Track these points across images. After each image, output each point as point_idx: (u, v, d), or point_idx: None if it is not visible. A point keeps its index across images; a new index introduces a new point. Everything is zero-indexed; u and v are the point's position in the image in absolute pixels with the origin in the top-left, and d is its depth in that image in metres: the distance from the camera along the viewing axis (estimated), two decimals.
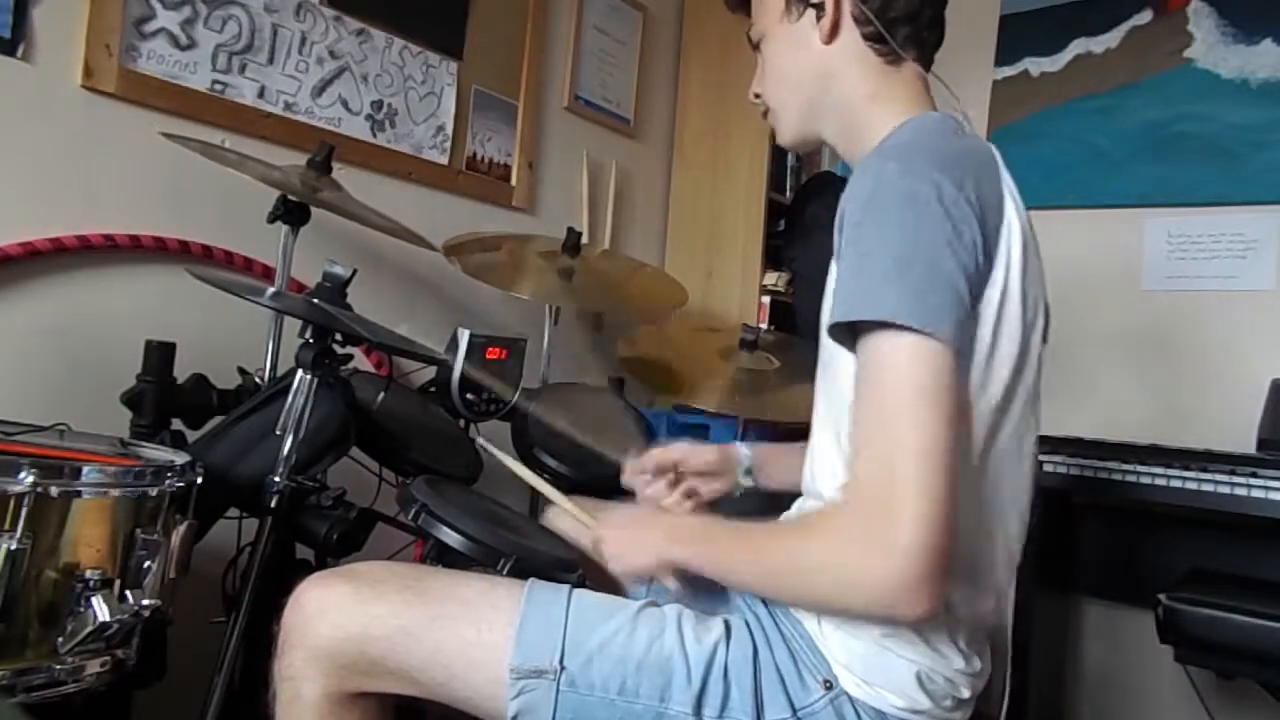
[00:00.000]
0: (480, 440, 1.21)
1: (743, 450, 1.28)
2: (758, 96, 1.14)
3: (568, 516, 1.23)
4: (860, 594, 0.80)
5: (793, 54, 1.06)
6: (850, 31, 1.02)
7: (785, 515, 1.10)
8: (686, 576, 0.98)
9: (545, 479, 1.26)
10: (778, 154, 2.72)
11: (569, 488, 1.69)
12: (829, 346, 1.00)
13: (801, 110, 1.08)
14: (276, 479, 1.19)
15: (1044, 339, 0.99)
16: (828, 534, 0.84)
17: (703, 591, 1.01)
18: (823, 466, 1.03)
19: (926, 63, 1.06)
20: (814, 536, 0.86)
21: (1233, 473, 1.83)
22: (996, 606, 0.98)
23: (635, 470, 1.25)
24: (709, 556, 0.95)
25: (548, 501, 1.26)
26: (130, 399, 1.34)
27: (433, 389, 1.75)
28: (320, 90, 1.91)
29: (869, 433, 0.82)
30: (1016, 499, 0.95)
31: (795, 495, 1.13)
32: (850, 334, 0.85)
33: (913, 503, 0.76)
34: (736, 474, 1.26)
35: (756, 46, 1.12)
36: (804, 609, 0.94)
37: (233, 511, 1.29)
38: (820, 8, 1.02)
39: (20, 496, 0.91)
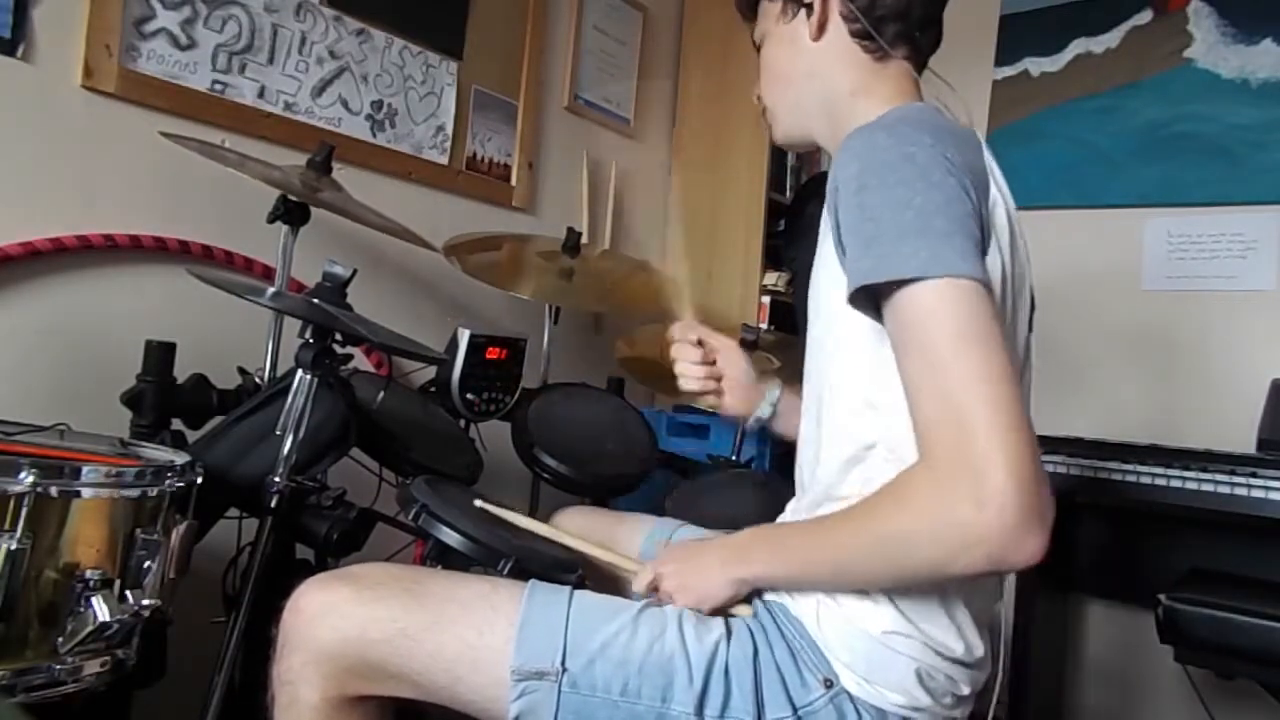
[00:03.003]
0: (479, 501, 1.18)
1: (774, 389, 1.28)
2: (759, 98, 1.17)
3: (576, 530, 1.21)
4: (966, 553, 0.77)
5: (786, 53, 1.09)
6: (838, 29, 1.04)
7: (780, 518, 1.10)
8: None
9: (543, 489, 1.24)
10: (778, 154, 2.73)
11: (570, 488, 1.71)
12: (815, 335, 1.01)
13: (791, 107, 1.11)
14: (276, 479, 1.19)
15: (1029, 327, 1.00)
16: (914, 499, 0.80)
17: None
18: (808, 457, 1.03)
19: (920, 63, 1.07)
20: (899, 507, 0.82)
21: (1233, 473, 1.83)
22: (997, 588, 0.99)
23: (684, 330, 1.28)
24: (781, 562, 0.93)
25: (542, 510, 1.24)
26: (130, 399, 1.34)
27: (433, 389, 1.75)
28: (320, 90, 1.91)
29: (924, 385, 0.80)
30: None
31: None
32: (870, 301, 0.85)
33: (988, 444, 0.74)
34: (761, 403, 1.27)
35: (759, 49, 1.15)
36: (902, 585, 0.89)
37: (233, 511, 1.29)
38: (810, 7, 1.05)
39: (20, 496, 0.91)
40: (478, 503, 1.18)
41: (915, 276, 0.80)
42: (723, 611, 0.97)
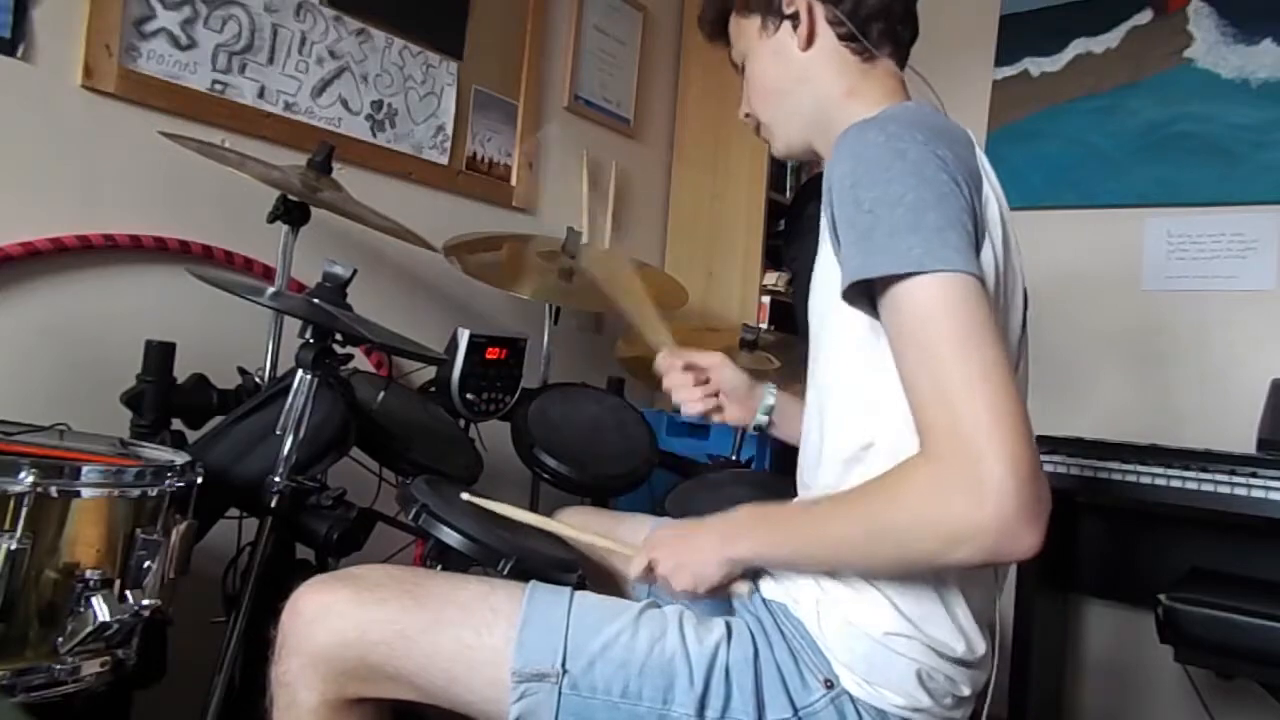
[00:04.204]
0: (465, 495, 1.16)
1: (770, 392, 1.28)
2: (748, 116, 1.16)
3: (575, 524, 1.20)
4: (962, 545, 0.77)
5: (775, 66, 1.09)
6: (826, 35, 1.05)
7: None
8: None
9: (543, 489, 1.23)
10: None
11: (570, 488, 1.71)
12: (815, 334, 1.01)
13: (788, 118, 1.11)
14: (276, 479, 1.19)
15: (1024, 325, 1.00)
16: (912, 490, 0.80)
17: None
18: (809, 457, 1.03)
19: (902, 58, 1.08)
20: (897, 497, 0.82)
21: (1233, 473, 1.83)
22: (996, 583, 0.99)
23: (670, 361, 1.26)
24: (775, 543, 0.93)
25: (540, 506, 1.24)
26: (130, 399, 1.34)
27: (433, 389, 1.75)
28: (320, 90, 1.91)
29: (923, 381, 0.80)
30: None
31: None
32: (866, 296, 0.85)
33: (988, 437, 0.75)
34: (758, 410, 1.28)
35: (741, 69, 1.15)
36: (897, 575, 0.90)
37: (233, 511, 1.29)
38: (795, 18, 1.05)
39: (20, 496, 0.91)
40: (465, 496, 1.16)
41: (910, 271, 0.80)
42: (720, 592, 0.97)
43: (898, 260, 0.80)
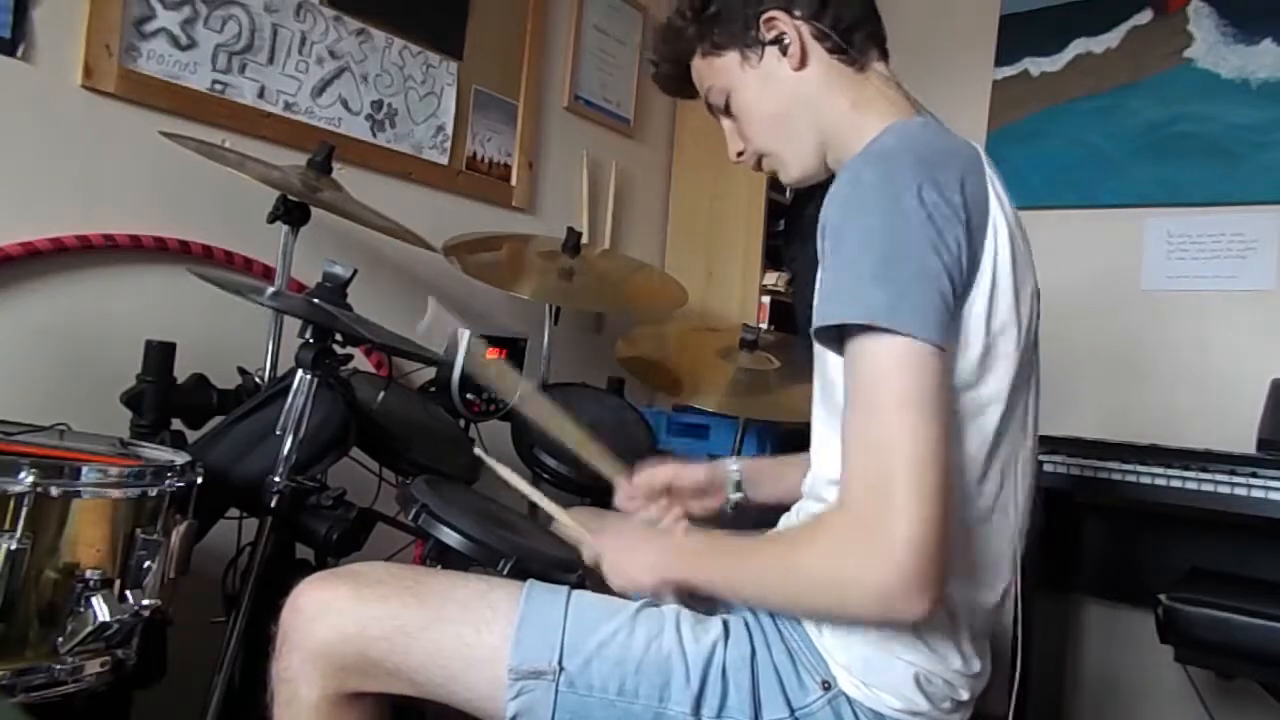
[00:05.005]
0: (478, 450, 1.18)
1: (730, 465, 1.28)
2: (740, 154, 1.13)
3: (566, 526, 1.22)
4: (857, 596, 0.80)
5: (770, 93, 1.06)
6: (816, 52, 1.04)
7: (784, 518, 1.10)
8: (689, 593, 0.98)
9: (543, 489, 1.25)
10: None
11: (570, 488, 1.71)
12: (821, 349, 1.01)
13: (799, 140, 1.08)
14: (276, 479, 1.19)
15: (1034, 318, 0.99)
16: (823, 539, 0.84)
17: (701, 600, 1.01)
18: (823, 468, 1.03)
19: (886, 58, 1.08)
20: (810, 542, 0.86)
21: (1233, 473, 1.83)
22: (1000, 605, 0.98)
23: (628, 495, 1.25)
24: (708, 574, 0.96)
25: (543, 512, 1.24)
26: (130, 399, 1.34)
27: (433, 389, 1.75)
28: (320, 90, 1.91)
29: (859, 437, 0.82)
30: (1018, 497, 0.95)
31: (786, 508, 1.12)
32: (836, 336, 0.86)
33: (905, 503, 0.77)
34: (726, 490, 1.26)
35: (724, 110, 1.11)
36: (805, 616, 0.94)
37: (233, 511, 1.30)
38: (779, 42, 1.03)
39: (20, 496, 0.91)
40: (477, 450, 1.17)
41: (873, 325, 0.80)
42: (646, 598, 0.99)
43: (865, 310, 0.81)
